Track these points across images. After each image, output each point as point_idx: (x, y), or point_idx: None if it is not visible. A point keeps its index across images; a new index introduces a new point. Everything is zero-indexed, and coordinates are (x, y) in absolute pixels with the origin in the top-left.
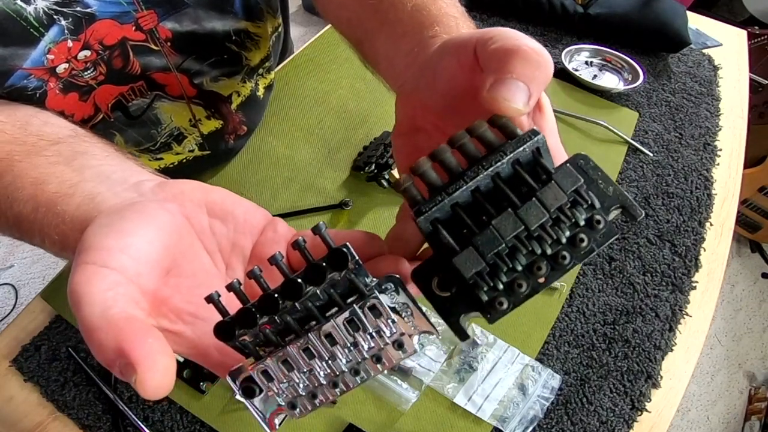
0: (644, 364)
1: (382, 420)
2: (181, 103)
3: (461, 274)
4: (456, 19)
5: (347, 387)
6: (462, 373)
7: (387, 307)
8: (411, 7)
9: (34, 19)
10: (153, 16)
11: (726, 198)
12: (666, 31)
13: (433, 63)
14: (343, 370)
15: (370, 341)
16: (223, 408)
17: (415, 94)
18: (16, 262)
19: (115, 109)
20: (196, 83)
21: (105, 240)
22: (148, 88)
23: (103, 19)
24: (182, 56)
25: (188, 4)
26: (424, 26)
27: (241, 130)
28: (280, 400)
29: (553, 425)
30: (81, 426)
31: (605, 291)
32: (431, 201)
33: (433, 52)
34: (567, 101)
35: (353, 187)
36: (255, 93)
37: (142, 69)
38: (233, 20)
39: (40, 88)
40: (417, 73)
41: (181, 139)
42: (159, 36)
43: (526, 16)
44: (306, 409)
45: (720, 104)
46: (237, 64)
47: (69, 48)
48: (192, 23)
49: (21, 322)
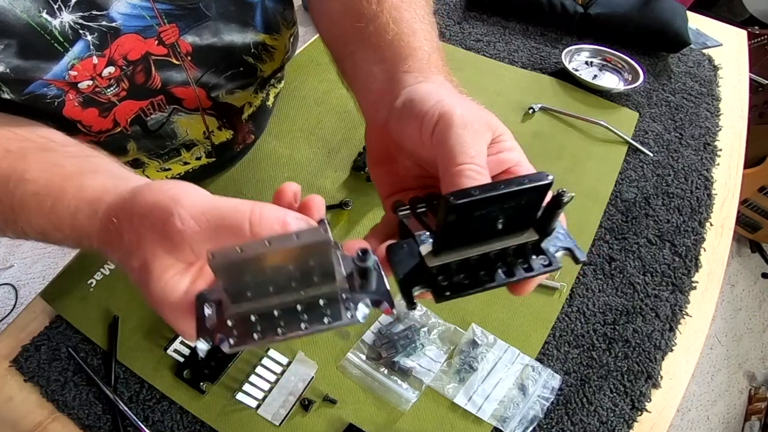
0: (644, 364)
1: (382, 420)
2: (196, 116)
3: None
4: (429, 54)
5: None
6: (462, 373)
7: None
8: (392, 36)
9: (59, 33)
10: (174, 30)
11: (726, 198)
12: (666, 31)
13: (399, 120)
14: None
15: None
16: (223, 408)
17: (386, 130)
18: (16, 262)
19: (133, 124)
20: (213, 96)
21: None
22: (166, 102)
23: (127, 33)
24: (201, 70)
25: (210, 17)
26: (401, 58)
27: (249, 138)
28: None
29: (553, 425)
30: (81, 426)
31: (605, 291)
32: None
33: (401, 106)
34: (567, 101)
35: (353, 187)
36: (265, 103)
37: (163, 83)
38: (252, 33)
39: (59, 97)
40: (386, 114)
41: (191, 147)
42: (180, 50)
43: (526, 16)
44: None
45: (720, 104)
46: (252, 76)
47: (94, 65)
48: (212, 36)
49: (21, 322)
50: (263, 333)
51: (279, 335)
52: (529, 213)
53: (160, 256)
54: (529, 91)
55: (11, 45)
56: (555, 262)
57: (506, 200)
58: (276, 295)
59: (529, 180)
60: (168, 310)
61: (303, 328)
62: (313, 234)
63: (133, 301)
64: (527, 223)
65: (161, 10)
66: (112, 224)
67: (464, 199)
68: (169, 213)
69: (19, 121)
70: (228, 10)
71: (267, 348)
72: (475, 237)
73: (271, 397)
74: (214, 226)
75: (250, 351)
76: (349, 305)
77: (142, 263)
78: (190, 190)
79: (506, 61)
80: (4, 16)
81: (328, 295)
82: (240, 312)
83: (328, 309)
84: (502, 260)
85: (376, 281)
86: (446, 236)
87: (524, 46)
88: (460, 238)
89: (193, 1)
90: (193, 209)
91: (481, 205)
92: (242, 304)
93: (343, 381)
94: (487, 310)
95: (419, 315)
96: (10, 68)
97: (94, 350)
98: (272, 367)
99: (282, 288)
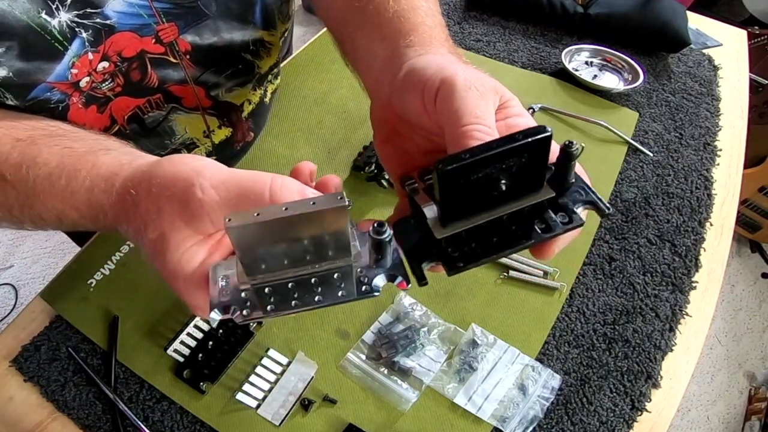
0: (644, 364)
1: (382, 420)
2: (196, 115)
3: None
4: (431, 29)
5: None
6: (462, 373)
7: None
8: (392, 14)
9: (58, 33)
10: (173, 29)
11: (726, 198)
12: (666, 31)
13: (401, 92)
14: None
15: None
16: (223, 408)
17: (389, 107)
18: (16, 262)
19: (131, 121)
20: (212, 95)
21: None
22: (164, 100)
23: (122, 31)
24: (200, 69)
25: (210, 16)
26: (402, 34)
27: (248, 136)
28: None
29: (553, 425)
30: (81, 426)
31: (605, 291)
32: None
33: (402, 78)
34: (567, 101)
35: (353, 187)
36: (263, 99)
37: (160, 82)
38: (252, 30)
39: (63, 102)
40: (389, 89)
41: (192, 148)
42: (179, 49)
43: (526, 16)
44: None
45: (720, 104)
46: (250, 73)
47: (90, 60)
48: (212, 35)
49: (21, 322)
50: (276, 305)
51: (293, 307)
52: (536, 170)
53: (179, 227)
54: (529, 91)
55: (12, 47)
56: (576, 219)
57: (503, 159)
58: (291, 268)
59: (524, 135)
60: (182, 282)
61: (317, 300)
62: (330, 200)
63: (133, 301)
64: (539, 181)
65: (159, 9)
66: (130, 195)
67: (453, 165)
68: (191, 183)
69: (24, 115)
70: (229, 7)
71: (267, 348)
72: (483, 202)
73: (271, 397)
74: (234, 195)
75: (249, 351)
76: (364, 280)
77: (159, 234)
78: (211, 163)
79: (506, 61)
80: (5, 18)
81: (342, 269)
82: (254, 283)
83: (343, 283)
84: (517, 223)
85: (391, 256)
86: (449, 205)
87: (524, 46)
88: (465, 205)
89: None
90: (213, 179)
91: (475, 167)
92: (257, 276)
93: (343, 381)
94: (487, 310)
95: (419, 315)
96: (13, 71)
97: (94, 350)
98: (272, 367)
99: (297, 261)
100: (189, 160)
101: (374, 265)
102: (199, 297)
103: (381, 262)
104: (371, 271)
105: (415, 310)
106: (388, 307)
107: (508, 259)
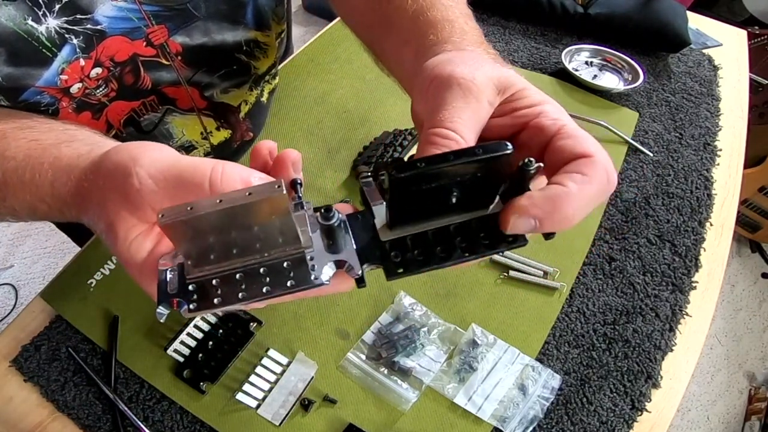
0: (644, 364)
1: (382, 420)
2: (192, 116)
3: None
4: (452, 23)
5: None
6: (462, 373)
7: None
8: (411, 13)
9: (46, 39)
10: (163, 31)
11: (726, 198)
12: (666, 31)
13: (415, 96)
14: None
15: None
16: (223, 408)
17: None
18: (16, 262)
19: (127, 125)
20: (207, 95)
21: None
22: (159, 102)
23: (113, 35)
24: (193, 69)
25: (199, 17)
26: (422, 33)
27: (247, 136)
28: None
29: (553, 425)
30: (81, 426)
31: (605, 291)
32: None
33: (417, 82)
34: (567, 101)
35: (353, 187)
36: (260, 99)
37: (153, 84)
38: (244, 31)
39: (53, 105)
40: (418, 90)
41: (191, 150)
42: (170, 50)
43: (526, 16)
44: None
45: (720, 104)
46: (246, 74)
47: (82, 67)
48: (202, 36)
49: (21, 322)
50: (223, 298)
51: (239, 299)
52: (491, 185)
53: (124, 216)
54: None
55: (0, 53)
56: (521, 238)
57: (459, 172)
58: (239, 258)
59: (483, 150)
60: (135, 271)
61: (264, 291)
62: (267, 189)
63: (133, 301)
64: (491, 195)
65: (149, 12)
66: (83, 188)
67: (406, 173)
68: (128, 173)
69: (1, 110)
70: (218, 9)
71: (267, 348)
72: (433, 210)
73: (271, 397)
74: (172, 184)
75: (249, 351)
76: (313, 268)
77: (107, 224)
78: (152, 149)
79: (506, 61)
80: None
81: (293, 256)
82: (201, 276)
83: (293, 272)
84: (462, 235)
85: (344, 241)
86: (398, 209)
87: (524, 46)
88: (414, 211)
89: (180, 2)
90: (151, 168)
91: (428, 178)
92: (204, 267)
93: (343, 381)
94: (487, 310)
95: (419, 315)
96: (2, 76)
97: (94, 350)
98: (272, 367)
99: (245, 250)
100: (133, 146)
101: (326, 250)
102: (152, 286)
103: (333, 248)
104: (323, 258)
105: (415, 310)
106: (388, 307)
107: (509, 259)
